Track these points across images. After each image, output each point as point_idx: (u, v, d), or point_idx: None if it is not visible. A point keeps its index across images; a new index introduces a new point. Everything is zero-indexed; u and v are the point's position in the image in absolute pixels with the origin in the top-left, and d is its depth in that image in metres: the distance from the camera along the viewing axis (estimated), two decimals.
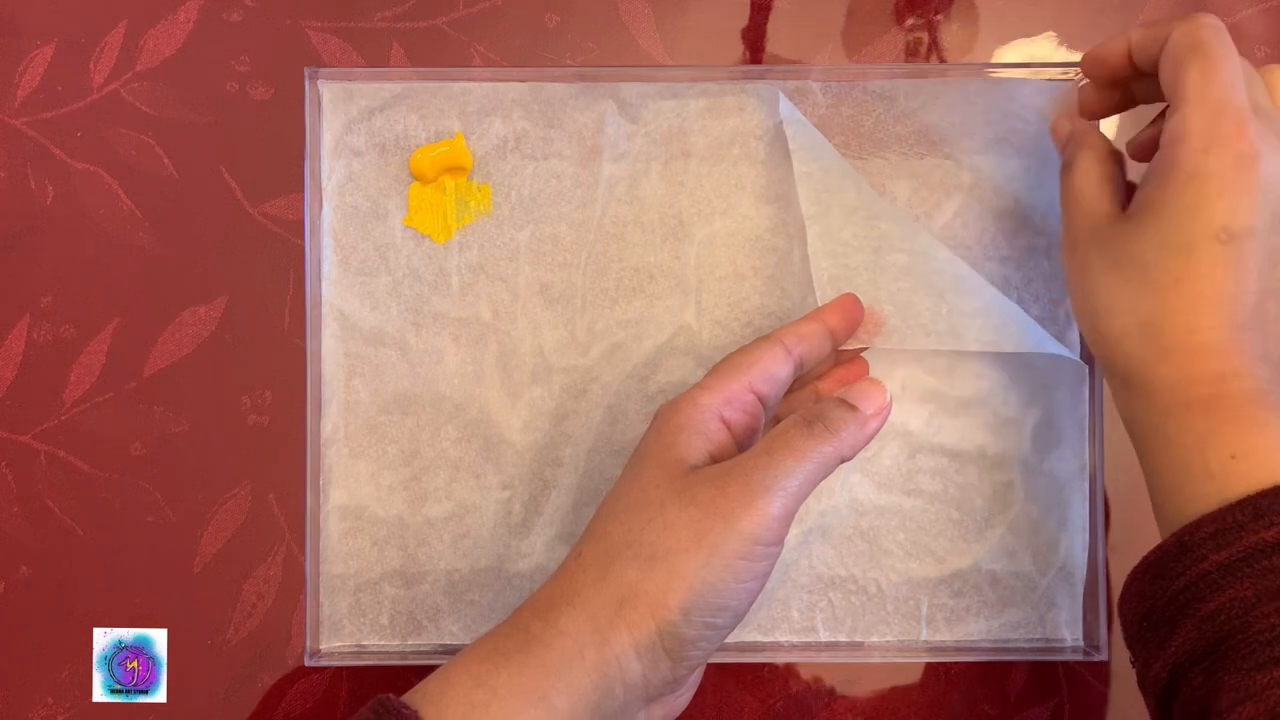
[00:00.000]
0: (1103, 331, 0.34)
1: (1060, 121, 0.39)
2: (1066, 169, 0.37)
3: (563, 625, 0.32)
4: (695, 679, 0.36)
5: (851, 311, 0.38)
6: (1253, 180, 0.32)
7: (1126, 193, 0.36)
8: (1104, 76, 0.38)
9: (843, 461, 0.34)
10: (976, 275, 0.40)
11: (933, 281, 0.39)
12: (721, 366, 0.36)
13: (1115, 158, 0.37)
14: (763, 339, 0.37)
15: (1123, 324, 0.33)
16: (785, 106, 0.41)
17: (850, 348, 0.39)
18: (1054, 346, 0.39)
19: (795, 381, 0.38)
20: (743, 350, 0.36)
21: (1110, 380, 0.35)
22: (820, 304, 0.39)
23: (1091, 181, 0.36)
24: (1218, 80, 0.32)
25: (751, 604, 0.33)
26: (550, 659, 0.31)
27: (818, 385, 0.39)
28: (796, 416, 0.34)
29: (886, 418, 0.35)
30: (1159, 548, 0.32)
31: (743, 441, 0.35)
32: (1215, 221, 0.32)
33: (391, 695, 0.32)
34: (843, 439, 0.33)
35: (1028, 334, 0.39)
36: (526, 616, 0.33)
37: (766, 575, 0.33)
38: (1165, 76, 0.34)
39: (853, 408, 0.34)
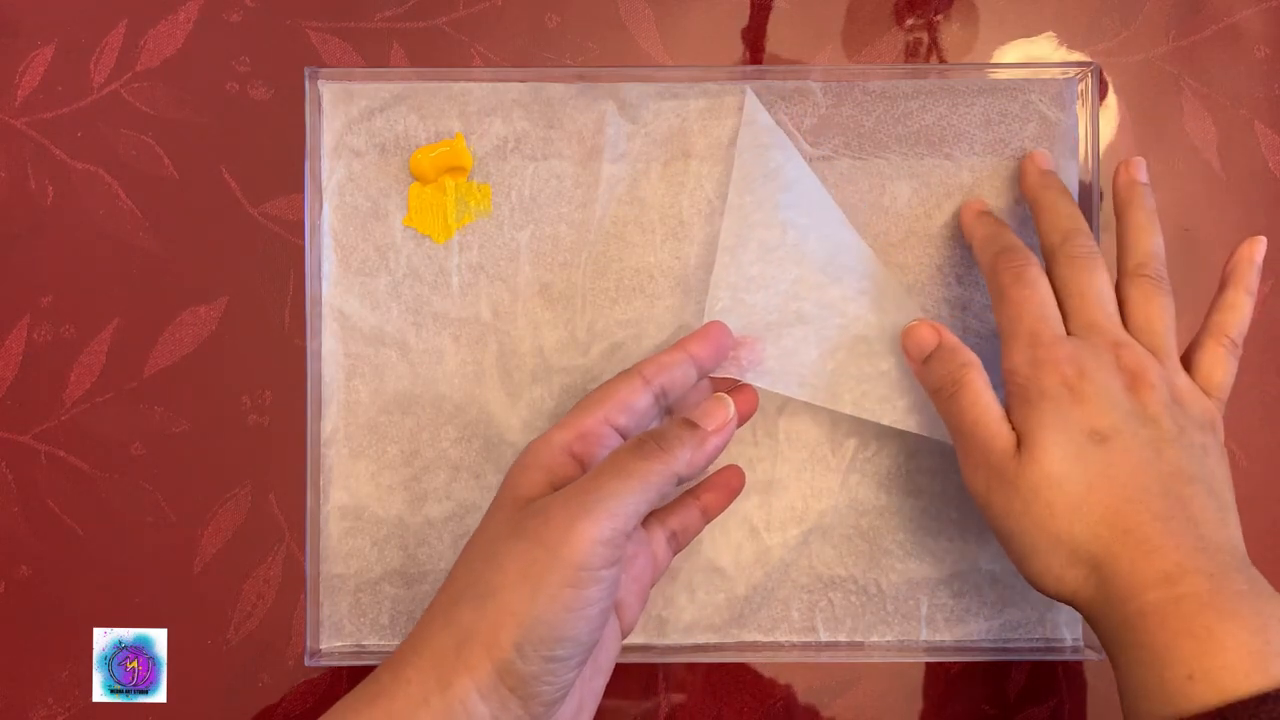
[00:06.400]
0: (1049, 574, 0.33)
1: (923, 330, 0.38)
2: (952, 393, 0.36)
3: (408, 674, 0.32)
4: (577, 712, 0.35)
5: (717, 340, 0.38)
6: (1089, 390, 0.34)
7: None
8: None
9: (681, 481, 0.34)
10: (885, 343, 0.40)
11: (828, 336, 0.39)
12: (580, 403, 0.36)
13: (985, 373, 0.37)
14: (623, 372, 0.37)
15: (1063, 556, 0.33)
16: (751, 104, 0.41)
17: (721, 377, 0.39)
18: (934, 432, 0.39)
19: (677, 410, 0.38)
20: (601, 385, 0.36)
21: (1080, 611, 0.34)
22: None
23: (991, 410, 0.35)
24: (1026, 316, 0.35)
25: (598, 632, 0.32)
26: (395, 709, 0.31)
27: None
28: (632, 439, 0.34)
29: (730, 435, 0.35)
30: None
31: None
32: (1085, 426, 0.33)
33: None
34: (677, 457, 0.33)
35: (912, 415, 0.39)
36: (382, 668, 0.33)
37: (605, 600, 0.32)
38: (992, 306, 0.37)
39: (693, 425, 0.34)
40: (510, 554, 0.32)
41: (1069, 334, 0.36)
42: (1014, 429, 0.35)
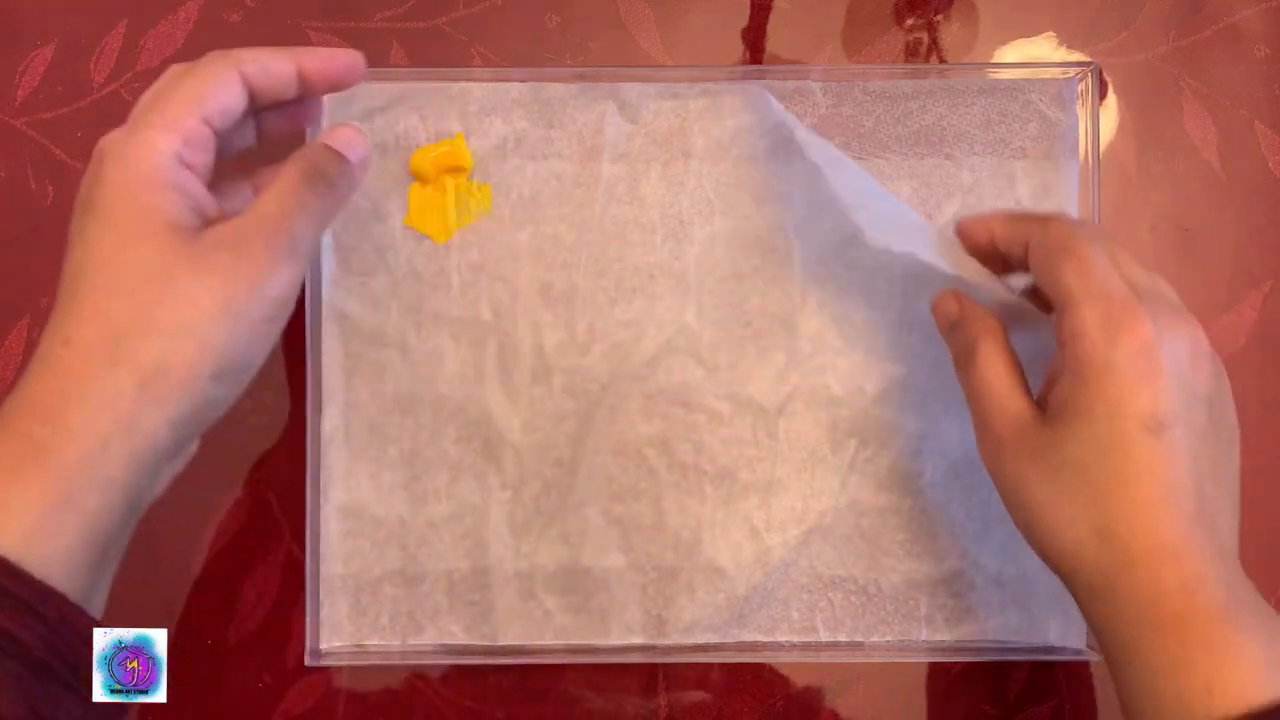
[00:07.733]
0: (1057, 545, 0.33)
1: (946, 300, 0.37)
2: (966, 361, 0.36)
3: (74, 424, 0.30)
4: None
5: (340, 63, 0.36)
6: (1161, 363, 0.32)
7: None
8: (976, 251, 0.38)
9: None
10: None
11: (923, 225, 0.39)
12: (170, 93, 0.33)
13: (1007, 340, 0.36)
14: (216, 61, 0.34)
15: (1077, 534, 0.32)
16: (776, 108, 0.41)
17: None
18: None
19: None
20: (191, 73, 0.34)
21: (1073, 590, 0.33)
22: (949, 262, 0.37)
23: (1002, 378, 0.35)
24: (1095, 274, 0.33)
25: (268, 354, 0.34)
26: (69, 460, 0.29)
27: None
28: (297, 171, 0.34)
29: (367, 168, 0.37)
30: None
31: (205, 183, 0.34)
32: (1143, 412, 0.31)
33: None
34: (340, 192, 0.35)
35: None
36: (24, 423, 0.30)
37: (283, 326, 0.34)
38: (1042, 278, 0.34)
39: (343, 158, 0.35)
40: (200, 290, 0.31)
41: None
42: (1050, 398, 0.33)
